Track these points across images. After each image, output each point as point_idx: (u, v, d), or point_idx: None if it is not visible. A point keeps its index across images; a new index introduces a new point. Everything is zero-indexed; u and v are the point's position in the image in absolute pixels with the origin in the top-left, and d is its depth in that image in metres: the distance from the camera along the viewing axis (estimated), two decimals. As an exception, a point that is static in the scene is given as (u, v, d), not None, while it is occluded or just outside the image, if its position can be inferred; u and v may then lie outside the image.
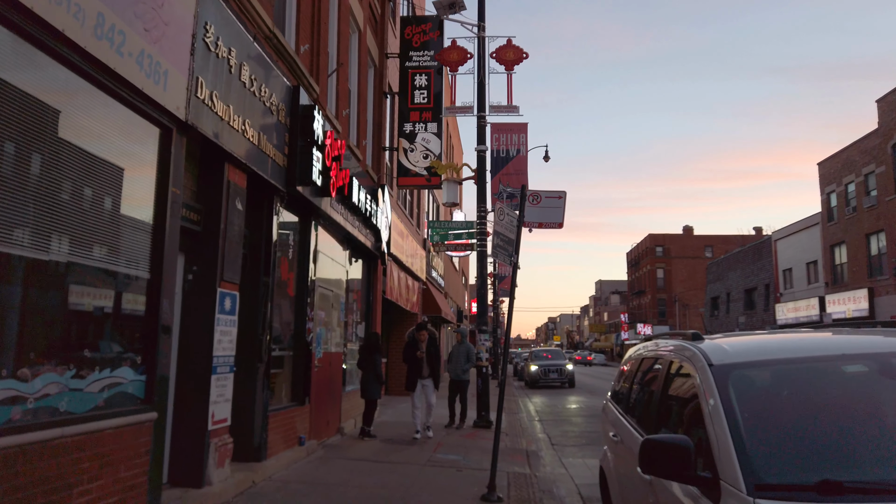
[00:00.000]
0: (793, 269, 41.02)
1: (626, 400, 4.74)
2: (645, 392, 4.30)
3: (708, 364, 3.20)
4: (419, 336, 10.76)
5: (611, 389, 5.73)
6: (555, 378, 28.10)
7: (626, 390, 4.91)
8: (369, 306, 13.59)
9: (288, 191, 7.84)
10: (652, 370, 4.30)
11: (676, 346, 3.87)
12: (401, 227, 16.54)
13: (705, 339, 3.73)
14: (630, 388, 4.75)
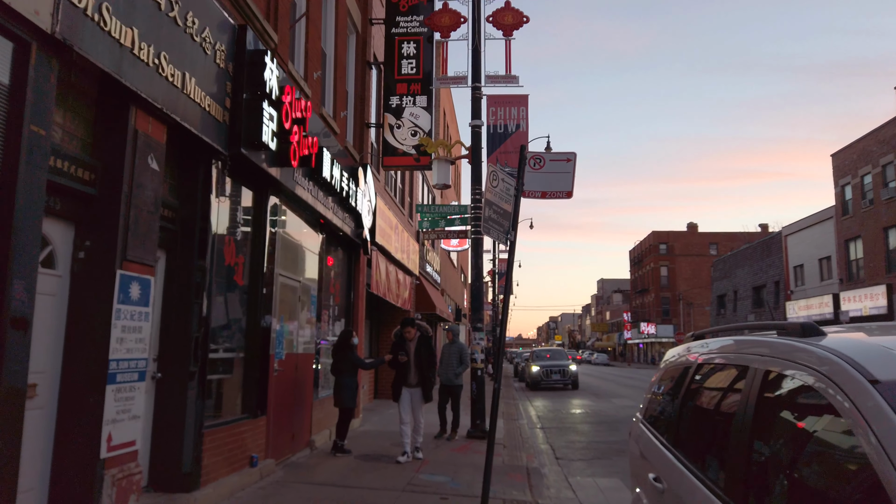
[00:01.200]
0: (804, 266, 39.47)
1: (673, 426, 3.22)
2: (712, 419, 2.79)
3: (868, 379, 1.70)
4: (406, 334, 9.07)
5: (643, 407, 4.20)
6: (557, 379, 26.58)
7: (671, 412, 3.39)
8: (351, 301, 12.07)
9: (231, 154, 6.33)
10: (721, 385, 2.81)
11: (777, 345, 2.36)
12: (389, 216, 15.03)
13: (829, 334, 2.23)
14: (679, 409, 3.23)
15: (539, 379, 26.67)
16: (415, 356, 8.85)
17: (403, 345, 8.96)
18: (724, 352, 2.98)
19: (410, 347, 8.92)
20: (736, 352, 2.80)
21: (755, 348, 2.55)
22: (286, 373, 8.18)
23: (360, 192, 11.26)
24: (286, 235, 8.50)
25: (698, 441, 2.84)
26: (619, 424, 14.38)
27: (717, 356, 3.03)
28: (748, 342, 2.73)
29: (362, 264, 12.50)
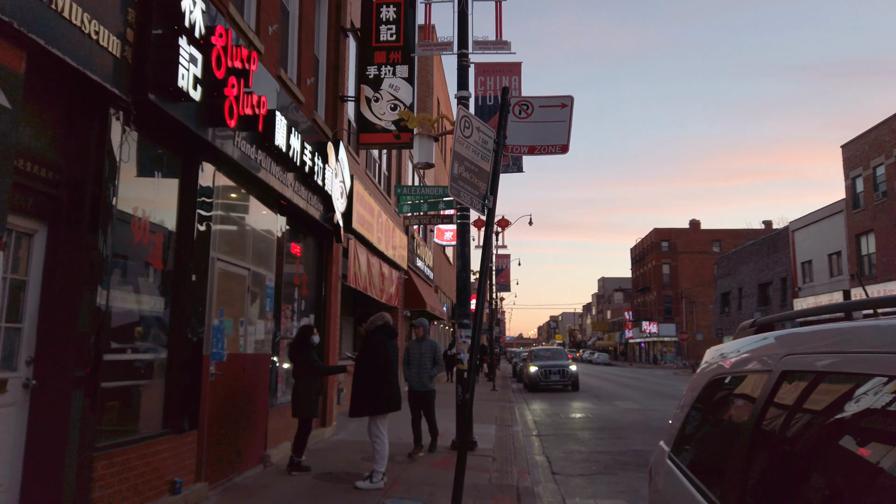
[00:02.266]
0: (813, 262, 38.11)
1: (732, 477, 1.89)
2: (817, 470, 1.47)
3: None
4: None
5: (671, 434, 2.83)
6: (557, 380, 25.16)
7: (722, 449, 2.05)
8: (322, 295, 10.75)
9: (136, 100, 5.00)
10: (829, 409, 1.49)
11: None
12: (370, 203, 13.70)
13: None
14: (743, 448, 1.89)
15: (537, 380, 25.27)
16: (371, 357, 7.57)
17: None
18: (826, 350, 1.67)
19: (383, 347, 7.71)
20: (847, 349, 1.49)
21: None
22: (228, 377, 6.85)
23: (331, 170, 9.93)
24: (230, 214, 7.17)
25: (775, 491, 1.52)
26: (623, 431, 13.04)
27: (817, 357, 1.71)
28: (872, 332, 1.43)
29: (336, 254, 11.16)
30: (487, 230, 4.75)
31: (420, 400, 9.29)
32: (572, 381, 25.19)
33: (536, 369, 25.52)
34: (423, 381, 9.27)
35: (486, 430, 12.48)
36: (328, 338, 10.75)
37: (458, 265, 10.36)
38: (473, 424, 12.78)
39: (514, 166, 10.46)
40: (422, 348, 9.20)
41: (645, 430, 13.27)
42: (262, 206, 8.07)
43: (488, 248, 4.88)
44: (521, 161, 10.41)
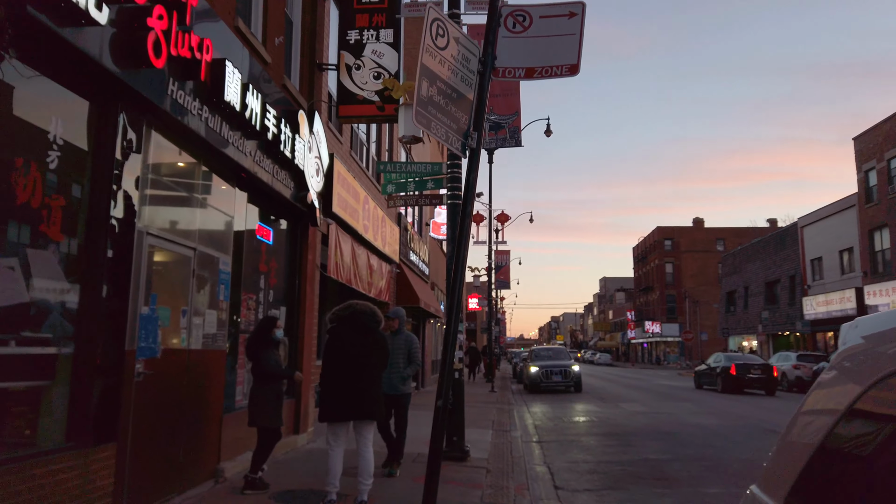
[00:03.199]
0: (823, 258, 36.92)
1: None
2: None
3: None
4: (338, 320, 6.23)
5: (776, 479, 1.61)
6: (559, 381, 23.89)
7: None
8: (296, 285, 9.58)
9: (11, 16, 3.82)
10: None
11: None
12: (355, 188, 12.53)
13: None
14: None
15: (538, 380, 23.99)
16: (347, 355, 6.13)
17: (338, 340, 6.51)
18: None
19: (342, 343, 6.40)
20: None
21: None
22: (164, 377, 5.67)
23: (302, 143, 8.75)
24: (168, 182, 6.00)
25: None
26: (632, 437, 11.86)
27: None
28: None
29: (312, 240, 9.99)
30: (470, 175, 3.59)
31: (392, 404, 7.54)
32: (575, 382, 23.94)
33: (537, 369, 24.23)
34: (393, 384, 7.50)
35: (481, 437, 11.30)
36: (303, 334, 9.57)
37: (449, 251, 9.18)
38: (467, 430, 11.59)
39: (511, 139, 9.30)
40: (395, 344, 7.53)
41: (656, 435, 12.08)
42: (215, 176, 6.89)
43: (470, 191, 3.71)
44: (519, 134, 9.24)
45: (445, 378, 3.78)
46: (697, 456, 9.81)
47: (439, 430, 3.69)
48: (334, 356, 5.86)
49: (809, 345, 37.69)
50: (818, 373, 24.81)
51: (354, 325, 5.95)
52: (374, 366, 5.99)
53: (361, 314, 6.05)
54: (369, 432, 5.93)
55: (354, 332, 5.92)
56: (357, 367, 5.81)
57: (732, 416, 15.46)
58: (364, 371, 5.83)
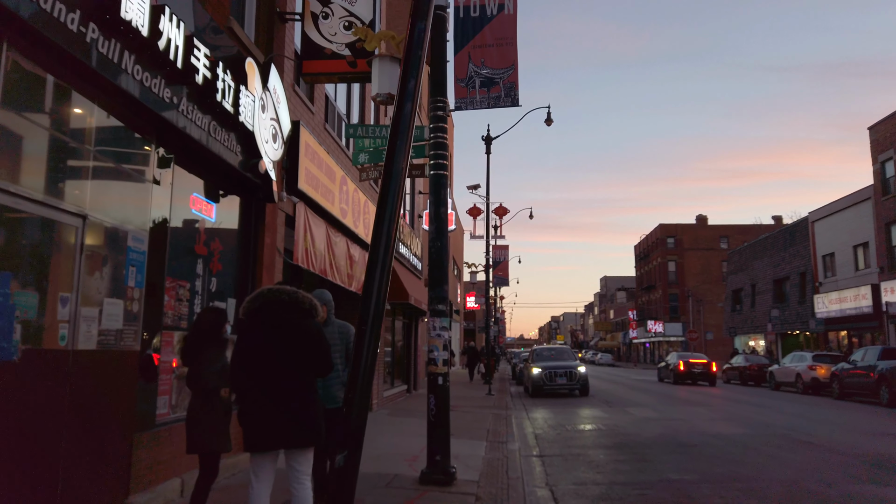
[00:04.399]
0: (835, 254, 35.37)
1: None
2: None
3: None
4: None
5: None
6: (563, 383, 21.89)
7: None
8: (248, 274, 8.03)
9: None
10: None
11: None
12: (330, 165, 11.00)
13: None
14: None
15: (541, 383, 22.07)
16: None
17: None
18: None
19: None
20: None
21: None
22: (25, 387, 4.13)
23: (251, 98, 7.20)
24: (35, 120, 4.45)
25: None
26: (648, 450, 10.31)
27: None
28: None
29: (271, 220, 8.44)
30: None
31: (327, 423, 5.13)
32: (581, 385, 21.93)
33: (540, 371, 22.23)
34: (330, 392, 5.61)
35: (472, 450, 9.76)
36: (259, 331, 8.02)
37: (431, 232, 7.65)
38: (457, 441, 10.05)
39: (506, 98, 7.77)
40: None
41: (674, 448, 10.53)
42: (118, 124, 5.34)
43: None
44: (516, 91, 7.71)
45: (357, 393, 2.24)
46: (728, 475, 8.26)
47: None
48: (248, 363, 4.29)
49: (821, 344, 36.18)
50: (836, 374, 23.30)
51: (273, 320, 4.38)
52: (304, 371, 4.41)
53: (279, 305, 4.45)
54: (305, 463, 4.37)
55: (274, 329, 4.35)
56: (280, 375, 4.25)
57: (756, 424, 13.91)
58: (290, 380, 4.27)
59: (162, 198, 5.97)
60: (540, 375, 22.13)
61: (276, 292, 4.48)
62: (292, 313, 4.46)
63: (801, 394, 25.00)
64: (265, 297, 4.45)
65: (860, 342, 32.57)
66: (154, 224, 5.82)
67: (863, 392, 21.00)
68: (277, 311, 4.42)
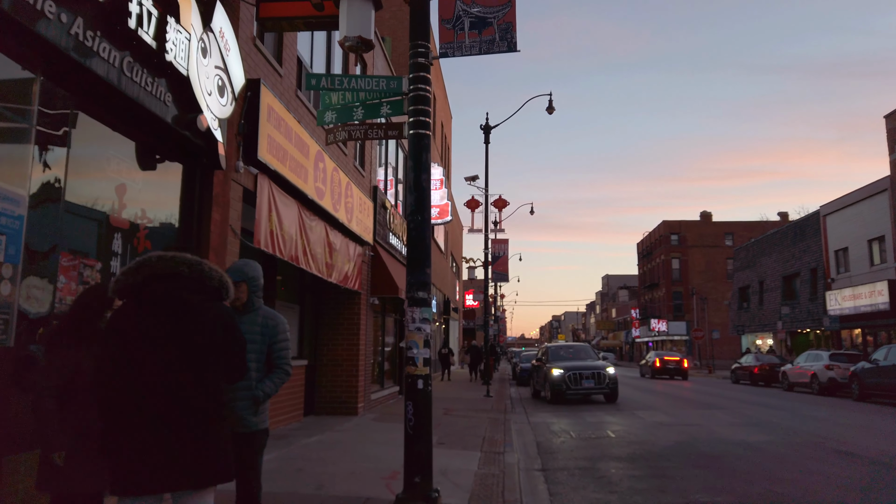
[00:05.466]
0: (849, 249, 33.98)
1: None
2: None
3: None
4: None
5: None
6: (591, 387, 18.44)
7: None
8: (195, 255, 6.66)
9: None
10: None
11: None
12: (302, 137, 9.68)
13: None
14: None
15: (563, 387, 18.46)
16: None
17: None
18: None
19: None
20: None
21: None
22: None
23: (189, 38, 5.85)
24: None
25: None
26: (667, 463, 8.95)
27: None
28: None
29: (222, 193, 7.08)
30: None
31: (236, 445, 3.64)
32: (610, 388, 18.63)
33: (561, 373, 18.55)
34: (241, 413, 4.03)
35: (464, 463, 8.40)
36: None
37: (410, 203, 6.30)
38: (448, 452, 8.73)
39: (502, 42, 6.42)
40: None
41: (697, 460, 9.17)
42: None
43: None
44: (513, 34, 6.36)
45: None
46: (768, 497, 6.91)
47: None
48: (122, 366, 2.92)
49: (833, 342, 34.82)
50: (857, 374, 21.91)
51: (163, 303, 3.03)
52: (206, 377, 3.04)
53: (174, 281, 3.08)
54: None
55: (164, 317, 3.00)
56: (169, 384, 2.89)
57: (780, 430, 12.55)
58: (184, 391, 2.92)
59: (57, 152, 4.61)
60: (562, 378, 18.49)
61: (169, 262, 3.13)
62: (193, 293, 3.11)
63: (816, 395, 23.65)
64: (152, 268, 3.09)
65: (875, 340, 31.20)
66: (44, 185, 4.47)
67: (887, 393, 19.62)
68: (170, 289, 3.06)
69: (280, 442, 9.78)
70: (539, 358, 22.27)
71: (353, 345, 13.89)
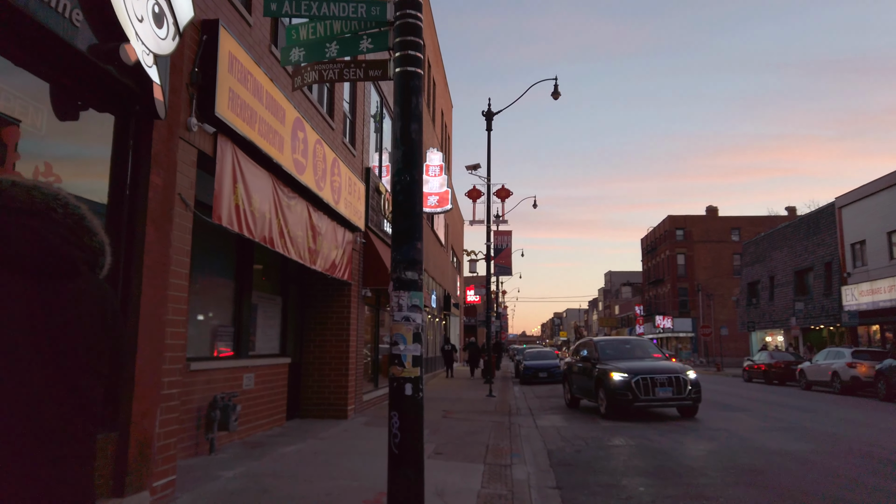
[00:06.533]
0: (866, 242, 32.60)
1: None
2: None
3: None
4: None
5: None
6: (667, 397, 13.46)
7: None
8: (120, 227, 5.33)
9: None
10: None
11: None
12: (277, 100, 8.35)
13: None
14: None
15: (628, 396, 13.41)
16: None
17: None
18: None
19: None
20: None
21: None
22: None
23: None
24: None
25: None
26: (701, 479, 7.61)
27: None
28: None
29: (166, 153, 5.73)
30: None
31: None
32: (693, 399, 13.75)
33: (625, 378, 13.52)
34: None
35: (464, 480, 7.07)
36: (140, 322, 5.33)
37: (397, 160, 4.97)
38: (445, 465, 7.43)
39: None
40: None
41: (735, 474, 7.83)
42: None
43: None
44: None
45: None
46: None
47: None
48: None
49: (848, 339, 33.47)
50: (883, 373, 20.54)
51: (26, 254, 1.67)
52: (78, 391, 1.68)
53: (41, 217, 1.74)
54: None
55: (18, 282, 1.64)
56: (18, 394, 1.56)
57: (820, 436, 11.21)
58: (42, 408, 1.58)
59: None
60: (626, 384, 13.41)
61: (33, 193, 1.75)
62: (73, 248, 1.75)
63: (837, 394, 22.32)
64: (7, 198, 1.73)
65: (895, 337, 29.87)
66: None
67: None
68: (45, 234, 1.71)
69: (253, 452, 8.47)
70: (583, 356, 16.21)
71: (342, 341, 12.58)
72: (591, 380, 14.91)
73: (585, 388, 15.45)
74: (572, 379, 16.75)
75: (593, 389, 14.72)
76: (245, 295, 9.79)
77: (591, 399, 15.19)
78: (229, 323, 9.44)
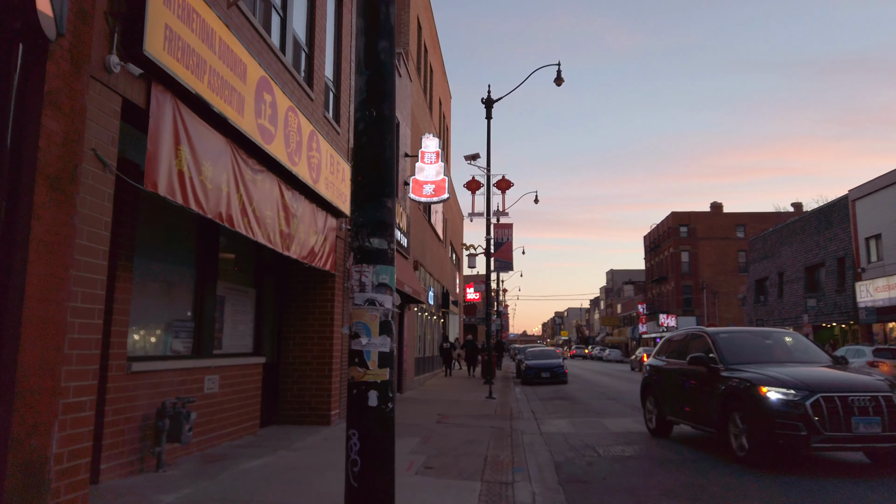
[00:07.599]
0: (882, 236, 31.32)
1: None
2: None
3: None
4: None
5: None
6: (875, 434, 7.44)
7: None
8: (2, 194, 4.06)
9: None
10: None
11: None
12: (235, 51, 7.09)
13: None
14: None
15: (803, 426, 7.44)
16: None
17: None
18: None
19: None
20: None
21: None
22: None
23: None
24: None
25: None
26: (746, 500, 6.33)
27: None
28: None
29: (65, 90, 4.46)
30: None
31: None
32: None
33: (790, 398, 7.66)
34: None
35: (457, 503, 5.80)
36: (26, 308, 4.06)
37: (360, 88, 3.70)
38: (436, 483, 6.17)
39: None
40: None
41: (771, 489, 6.56)
42: None
43: None
44: None
45: None
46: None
47: None
48: None
49: (862, 336, 32.19)
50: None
51: None
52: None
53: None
54: None
55: None
56: None
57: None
58: None
59: None
60: (794, 408, 7.60)
61: None
62: None
63: (859, 395, 21.01)
64: None
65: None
66: None
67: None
68: None
69: (210, 468, 7.19)
70: (693, 357, 9.60)
71: (325, 338, 11.33)
72: (710, 395, 9.01)
73: (697, 408, 9.47)
74: (663, 391, 10.75)
75: (716, 411, 8.78)
76: (208, 285, 8.53)
77: (704, 425, 9.31)
78: (187, 317, 8.18)
